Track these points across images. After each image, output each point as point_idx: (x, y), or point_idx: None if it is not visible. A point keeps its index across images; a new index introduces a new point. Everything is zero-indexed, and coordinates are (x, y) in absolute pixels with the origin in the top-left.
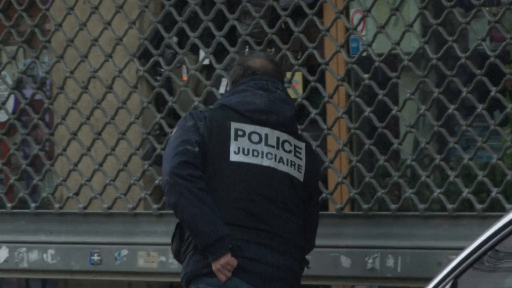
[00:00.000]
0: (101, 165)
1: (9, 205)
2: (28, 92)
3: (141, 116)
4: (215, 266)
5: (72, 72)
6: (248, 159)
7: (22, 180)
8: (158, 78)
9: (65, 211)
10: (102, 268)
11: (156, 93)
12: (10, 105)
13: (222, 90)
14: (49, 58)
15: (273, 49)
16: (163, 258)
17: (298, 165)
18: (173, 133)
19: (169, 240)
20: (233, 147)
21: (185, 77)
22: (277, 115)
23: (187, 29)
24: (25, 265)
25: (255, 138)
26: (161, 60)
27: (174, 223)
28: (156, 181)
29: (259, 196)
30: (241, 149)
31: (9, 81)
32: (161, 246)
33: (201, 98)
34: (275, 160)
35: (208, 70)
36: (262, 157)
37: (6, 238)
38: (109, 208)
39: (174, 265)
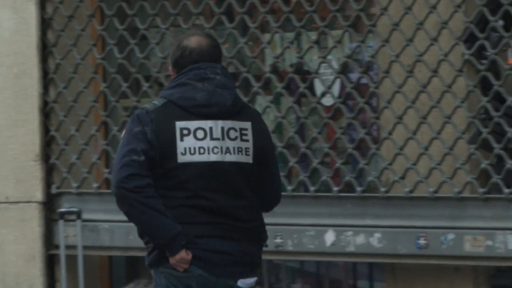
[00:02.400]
0: (426, 149)
1: (335, 188)
2: (353, 76)
3: (466, 100)
4: (172, 261)
5: (397, 56)
6: (195, 158)
7: (348, 164)
8: (484, 61)
9: (391, 194)
10: (429, 252)
11: (482, 77)
12: (336, 89)
13: None
14: (375, 42)
15: None
16: (489, 242)
17: (246, 148)
18: (122, 134)
19: (495, 225)
20: (180, 148)
21: (510, 60)
22: (218, 106)
23: None
24: (351, 248)
25: (200, 134)
26: (486, 43)
27: (501, 208)
28: (482, 165)
29: (209, 191)
30: (187, 150)
31: (335, 65)
32: (487, 230)
33: None
34: (222, 152)
35: None
36: (209, 153)
37: (332, 221)
38: (435, 192)
39: (500, 249)
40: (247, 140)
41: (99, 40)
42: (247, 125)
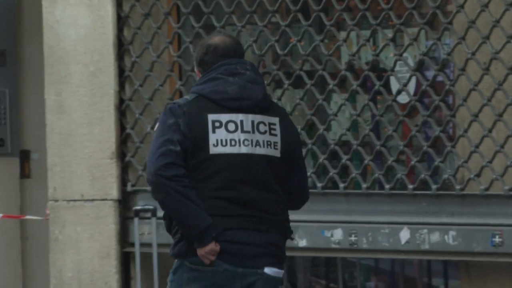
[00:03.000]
0: (502, 146)
1: (410, 186)
2: (429, 73)
3: None
4: (200, 252)
5: (473, 54)
6: (226, 150)
7: (423, 162)
8: None
9: (466, 192)
10: (504, 250)
11: None
12: (411, 86)
13: None
14: (451, 39)
15: None
16: None
17: (274, 142)
18: (155, 128)
19: None
20: (211, 140)
21: None
22: (249, 100)
23: None
24: (426, 246)
25: (231, 127)
26: None
27: None
28: None
29: (239, 183)
30: (219, 141)
31: (411, 63)
32: None
33: None
34: (252, 145)
35: None
36: (240, 145)
37: (407, 219)
38: (511, 189)
39: None
40: (275, 135)
41: (175, 38)
42: (275, 120)
